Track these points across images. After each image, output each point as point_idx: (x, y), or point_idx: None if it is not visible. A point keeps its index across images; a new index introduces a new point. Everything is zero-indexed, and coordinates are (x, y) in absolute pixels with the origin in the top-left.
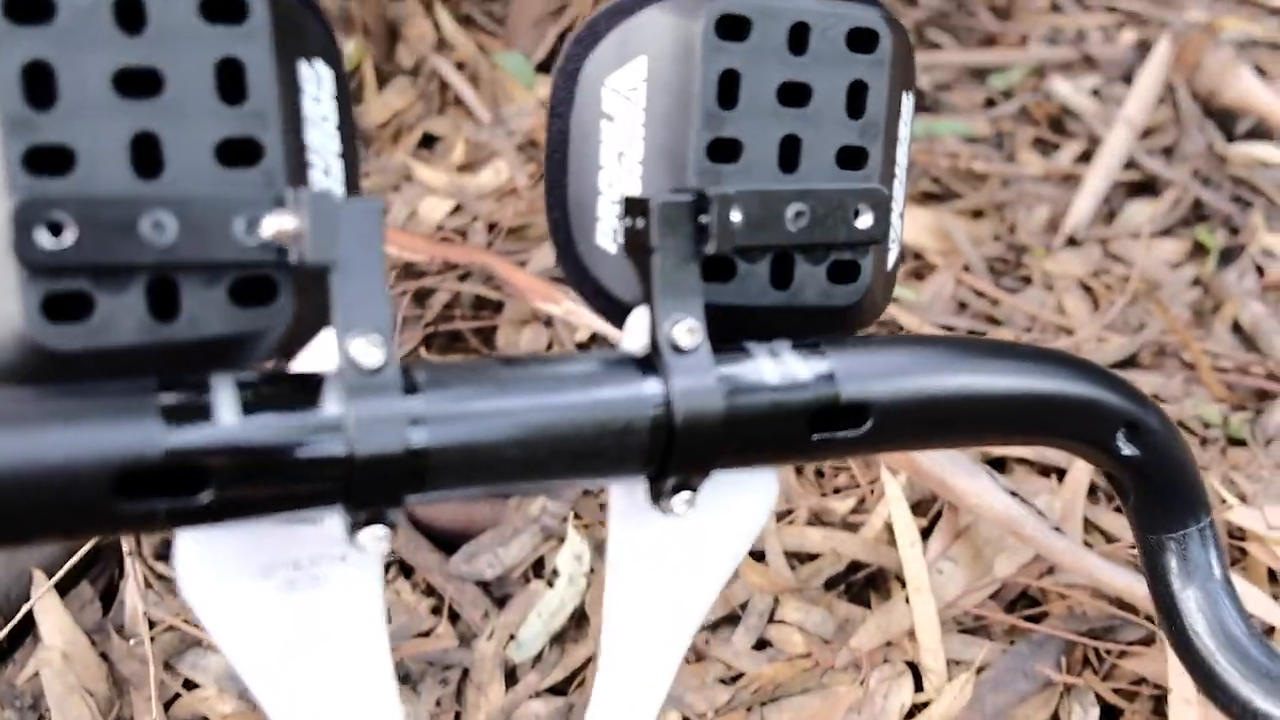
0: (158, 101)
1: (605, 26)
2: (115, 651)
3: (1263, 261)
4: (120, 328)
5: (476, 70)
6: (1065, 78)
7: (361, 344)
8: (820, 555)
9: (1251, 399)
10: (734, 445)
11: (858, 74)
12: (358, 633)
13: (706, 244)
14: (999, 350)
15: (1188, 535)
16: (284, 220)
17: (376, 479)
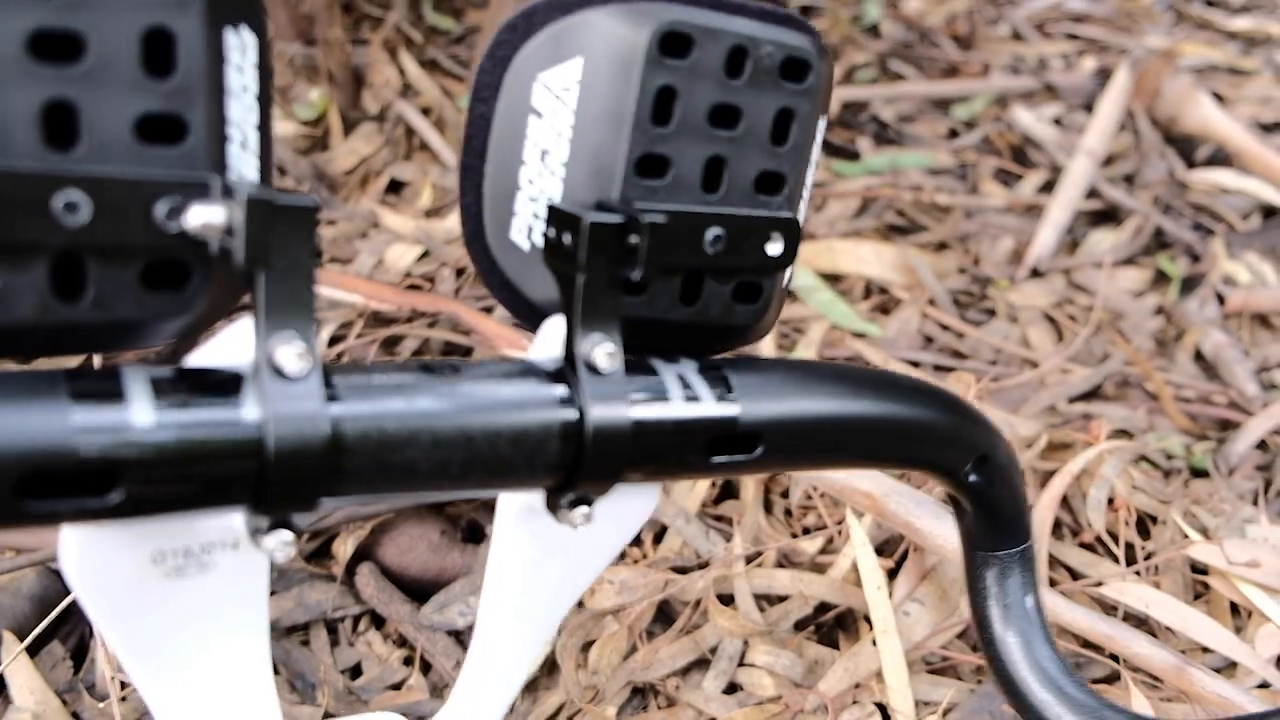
0: (76, 68)
1: (543, 19)
2: (87, 711)
3: (1223, 290)
4: (18, 306)
5: (442, 115)
6: (1027, 107)
7: (285, 349)
8: (789, 597)
9: (1214, 429)
10: (638, 465)
11: (786, 102)
12: (242, 616)
13: (631, 268)
14: (878, 382)
15: (1010, 556)
16: (212, 212)
17: (291, 484)
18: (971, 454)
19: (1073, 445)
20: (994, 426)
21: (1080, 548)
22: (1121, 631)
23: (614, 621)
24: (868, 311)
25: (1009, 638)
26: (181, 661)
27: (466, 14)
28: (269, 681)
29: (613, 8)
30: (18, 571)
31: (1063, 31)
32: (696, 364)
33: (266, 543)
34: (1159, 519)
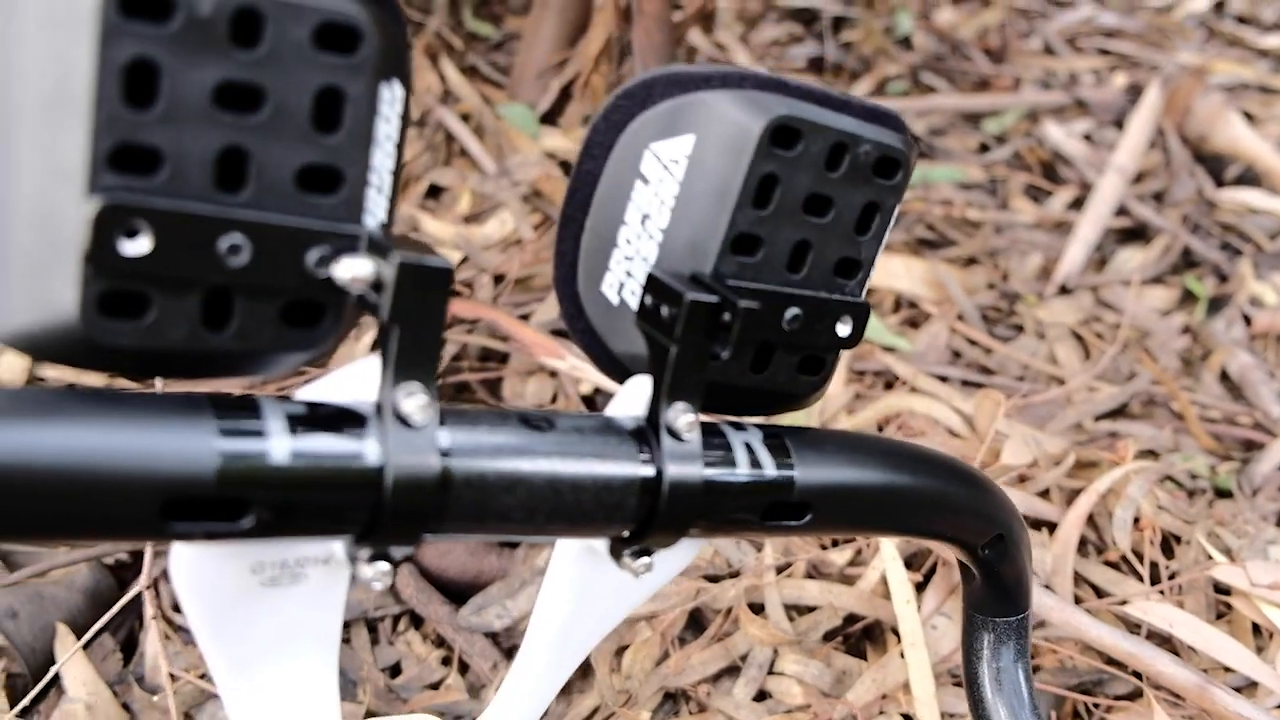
0: (254, 119)
1: (662, 93)
2: (136, 703)
3: (1250, 311)
4: (172, 331)
5: (481, 121)
6: (1057, 122)
7: (410, 400)
8: (818, 608)
9: (1238, 449)
10: (702, 523)
11: (875, 196)
12: (321, 625)
13: (723, 346)
14: (918, 460)
15: (1008, 623)
16: (361, 265)
17: (400, 522)
18: (991, 531)
19: (1099, 464)
20: (1012, 505)
21: (1105, 565)
22: (1145, 650)
23: (647, 628)
24: (897, 325)
25: (998, 702)
26: (263, 664)
27: (506, 20)
28: (335, 686)
29: (732, 93)
30: (72, 566)
31: (1094, 46)
32: (761, 432)
33: (365, 571)
34: (1183, 539)
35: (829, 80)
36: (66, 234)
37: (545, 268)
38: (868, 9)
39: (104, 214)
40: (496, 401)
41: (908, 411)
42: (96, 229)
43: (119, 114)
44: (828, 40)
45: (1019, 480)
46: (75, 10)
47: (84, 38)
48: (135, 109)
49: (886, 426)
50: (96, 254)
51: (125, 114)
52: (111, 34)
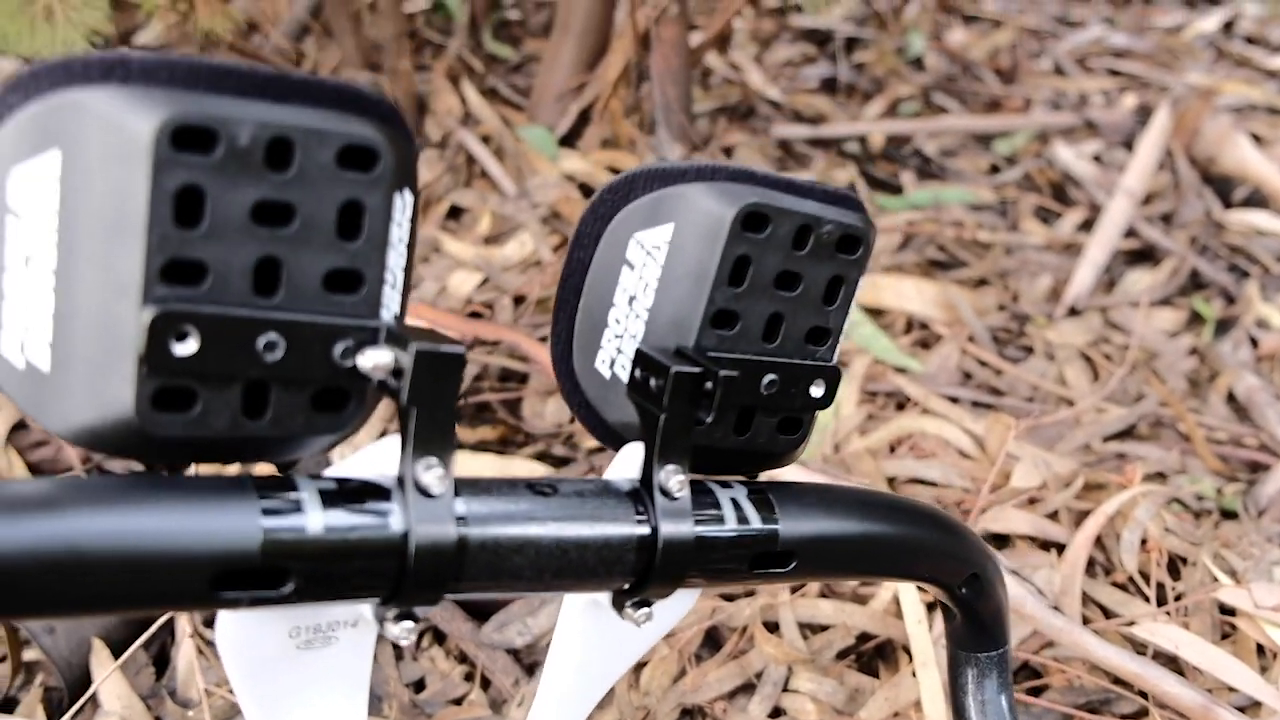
0: (285, 231)
1: (644, 187)
2: (169, 716)
3: (1257, 333)
4: (215, 421)
5: (501, 143)
6: (1067, 143)
7: (429, 473)
8: (832, 627)
9: (1244, 471)
10: (696, 574)
11: (839, 270)
12: (351, 683)
13: (706, 412)
14: (894, 508)
15: (989, 658)
16: (382, 355)
17: (423, 584)
18: (966, 571)
19: (1107, 486)
20: (985, 546)
21: (1113, 586)
22: (1151, 670)
23: (665, 645)
24: (909, 346)
25: None
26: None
27: (525, 43)
28: None
29: (706, 185)
30: None
31: (1104, 67)
32: (745, 489)
33: (392, 629)
34: (1189, 560)
35: (842, 101)
36: (124, 339)
37: None
38: (880, 30)
39: (158, 321)
40: (516, 420)
41: (919, 432)
42: (151, 334)
43: (170, 234)
44: (841, 61)
45: (1029, 502)
46: (133, 145)
47: (140, 169)
48: (183, 228)
49: (898, 447)
50: (151, 356)
51: (175, 233)
52: (163, 165)
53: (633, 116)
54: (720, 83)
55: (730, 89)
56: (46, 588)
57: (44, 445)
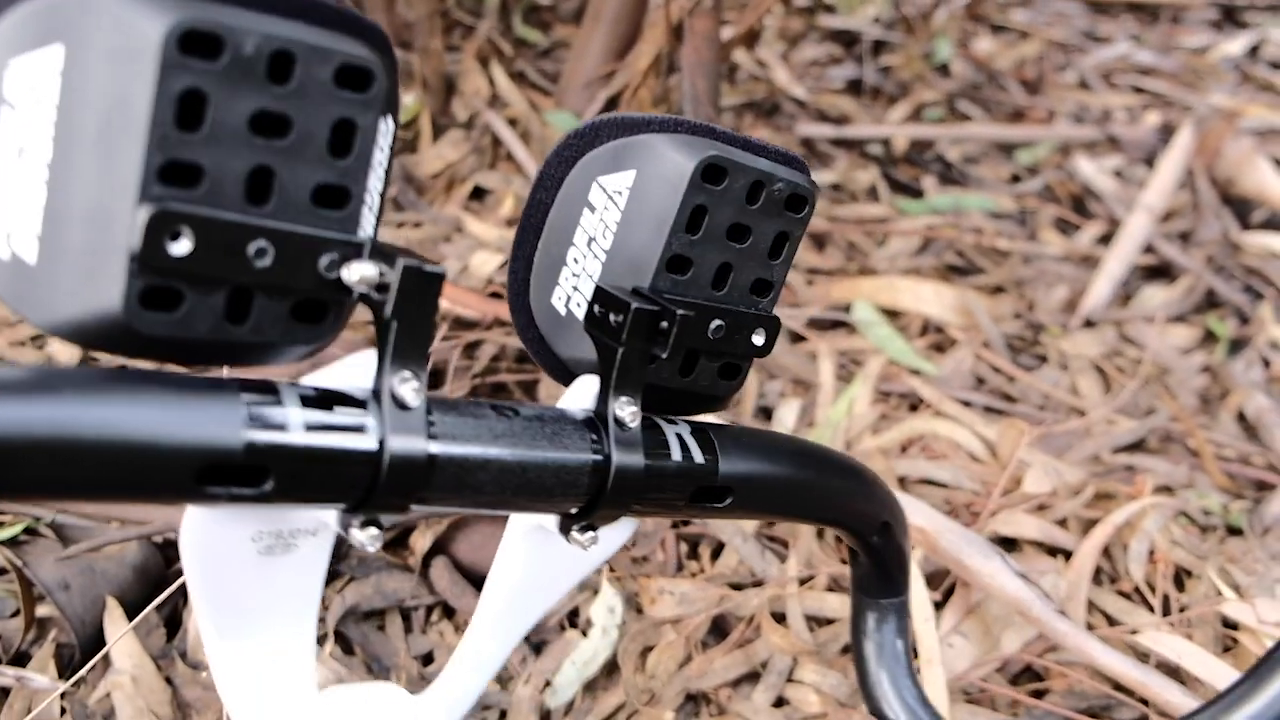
0: (280, 143)
1: (609, 134)
2: (179, 677)
3: (1269, 354)
4: (199, 323)
5: (528, 127)
6: (1089, 157)
7: (405, 385)
8: (838, 620)
9: (1251, 489)
10: (641, 502)
11: (785, 227)
12: (305, 592)
13: (661, 349)
14: (822, 458)
15: (889, 604)
16: (367, 269)
17: (393, 492)
18: (879, 519)
19: (1116, 496)
20: (894, 499)
21: (1118, 595)
22: (1153, 678)
23: (672, 630)
24: (924, 349)
25: (881, 671)
26: (252, 625)
27: (555, 28)
28: (313, 650)
29: (669, 136)
30: (124, 543)
31: (1129, 83)
32: (689, 426)
33: (358, 535)
34: (1194, 573)
35: (867, 103)
36: (117, 236)
37: None
38: (908, 35)
39: (155, 219)
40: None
41: (931, 434)
42: (148, 232)
43: (170, 135)
44: (867, 63)
45: (1038, 508)
46: (141, 46)
47: (146, 70)
48: (184, 131)
49: (909, 448)
50: (145, 254)
51: (175, 135)
52: (170, 68)
53: (660, 107)
54: (747, 79)
55: (756, 85)
56: (33, 472)
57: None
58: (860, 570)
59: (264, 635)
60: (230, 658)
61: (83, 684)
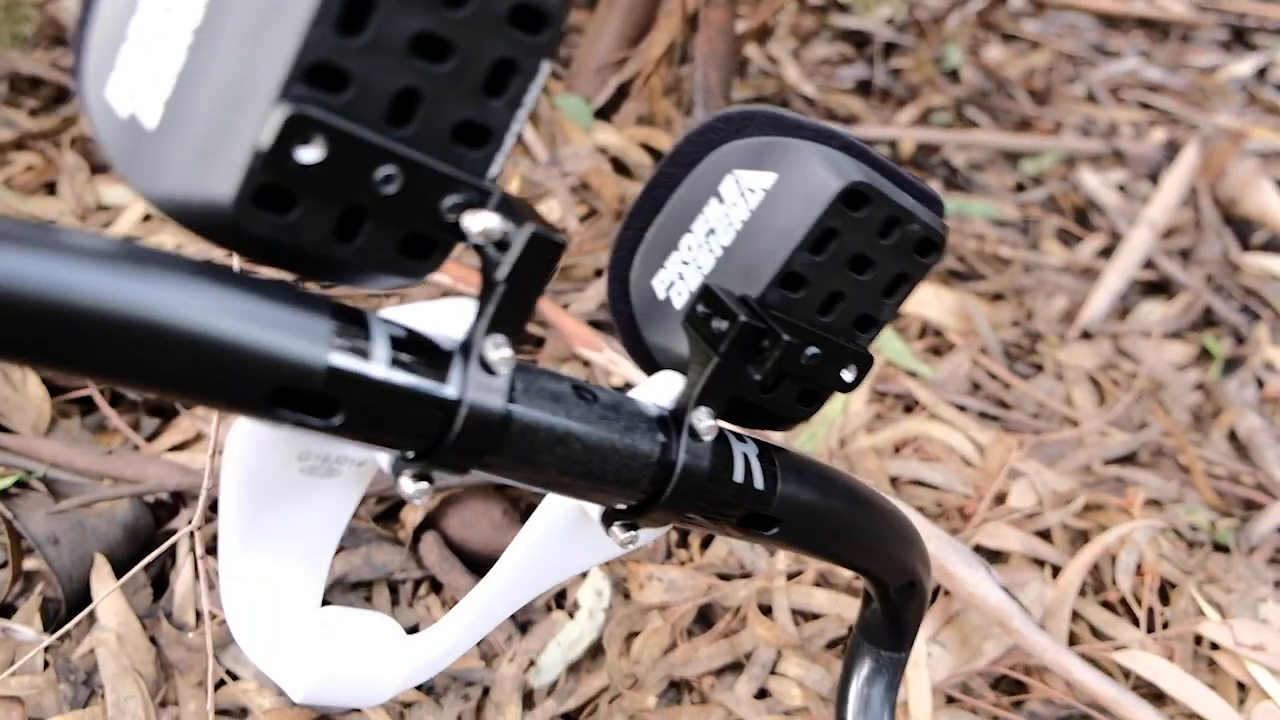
0: (438, 68)
1: (758, 128)
2: (164, 637)
3: (1263, 375)
4: (306, 233)
5: (537, 110)
6: (1094, 170)
7: (496, 351)
8: (824, 616)
9: (1239, 507)
10: (693, 514)
11: (909, 269)
12: (335, 517)
13: (757, 370)
14: (873, 505)
15: (890, 657)
16: (491, 221)
17: (459, 453)
18: (907, 578)
19: (1105, 507)
20: (929, 560)
21: (1102, 606)
22: (1127, 698)
23: (659, 617)
24: (922, 352)
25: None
26: (274, 541)
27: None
28: (323, 580)
29: (821, 148)
30: (116, 500)
31: (1136, 99)
32: (757, 448)
33: (408, 485)
34: (1179, 587)
35: (875, 104)
36: (248, 126)
37: (588, 259)
38: (920, 39)
39: (294, 120)
40: None
41: (924, 436)
42: (282, 131)
43: (328, 36)
44: (877, 65)
45: (1027, 516)
46: None
47: None
48: (342, 35)
49: (903, 448)
50: (272, 153)
51: (333, 37)
52: None
53: (671, 96)
54: (757, 73)
55: (766, 81)
56: (107, 350)
57: None
58: (870, 615)
59: (285, 551)
60: (244, 568)
61: (67, 639)
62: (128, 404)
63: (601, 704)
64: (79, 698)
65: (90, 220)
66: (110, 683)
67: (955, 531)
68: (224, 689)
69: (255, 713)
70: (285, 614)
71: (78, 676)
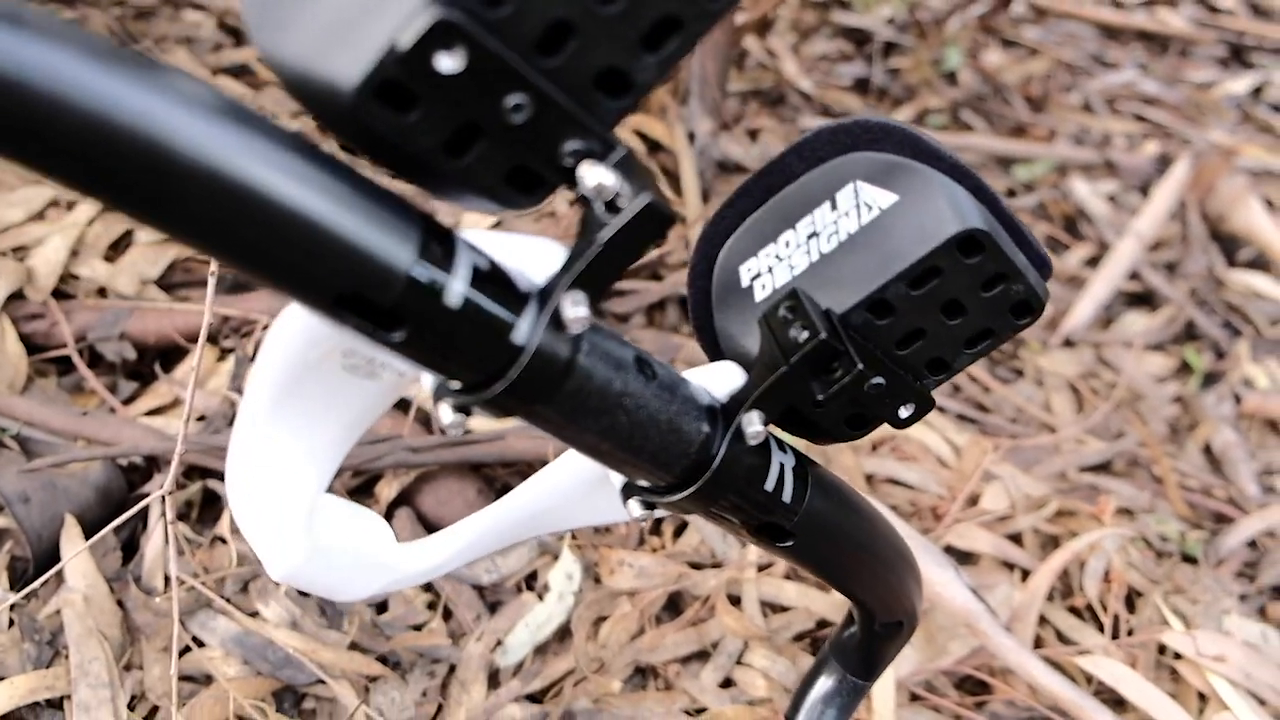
0: (603, 9)
1: (894, 145)
2: (131, 601)
3: (1241, 391)
4: (419, 139)
5: None
6: (1085, 179)
7: (574, 309)
8: (792, 608)
9: (1210, 520)
10: (720, 508)
11: (999, 326)
12: (360, 419)
13: (823, 390)
14: (894, 544)
15: (853, 682)
16: (608, 178)
17: (512, 394)
18: (896, 618)
19: (1077, 513)
20: (921, 602)
21: (1069, 611)
22: (1089, 703)
23: (628, 603)
24: None
25: None
26: (295, 428)
27: None
28: (330, 474)
29: (952, 184)
30: (89, 462)
31: (1132, 111)
32: (795, 460)
33: (447, 413)
34: (1144, 595)
35: (872, 103)
36: (390, 18)
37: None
38: (919, 39)
39: (438, 27)
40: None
41: (902, 436)
42: (424, 36)
43: None
44: (876, 63)
45: (1000, 519)
46: None
47: None
48: None
49: (880, 447)
50: (408, 53)
51: None
52: None
53: (667, 84)
54: (755, 66)
55: (764, 74)
56: (192, 203)
57: (39, 319)
58: (848, 638)
59: (301, 435)
60: (256, 441)
61: (34, 598)
62: (105, 366)
63: (566, 687)
64: (43, 657)
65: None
66: (75, 644)
67: (927, 531)
68: (189, 655)
69: (219, 680)
70: (286, 493)
71: (42, 636)
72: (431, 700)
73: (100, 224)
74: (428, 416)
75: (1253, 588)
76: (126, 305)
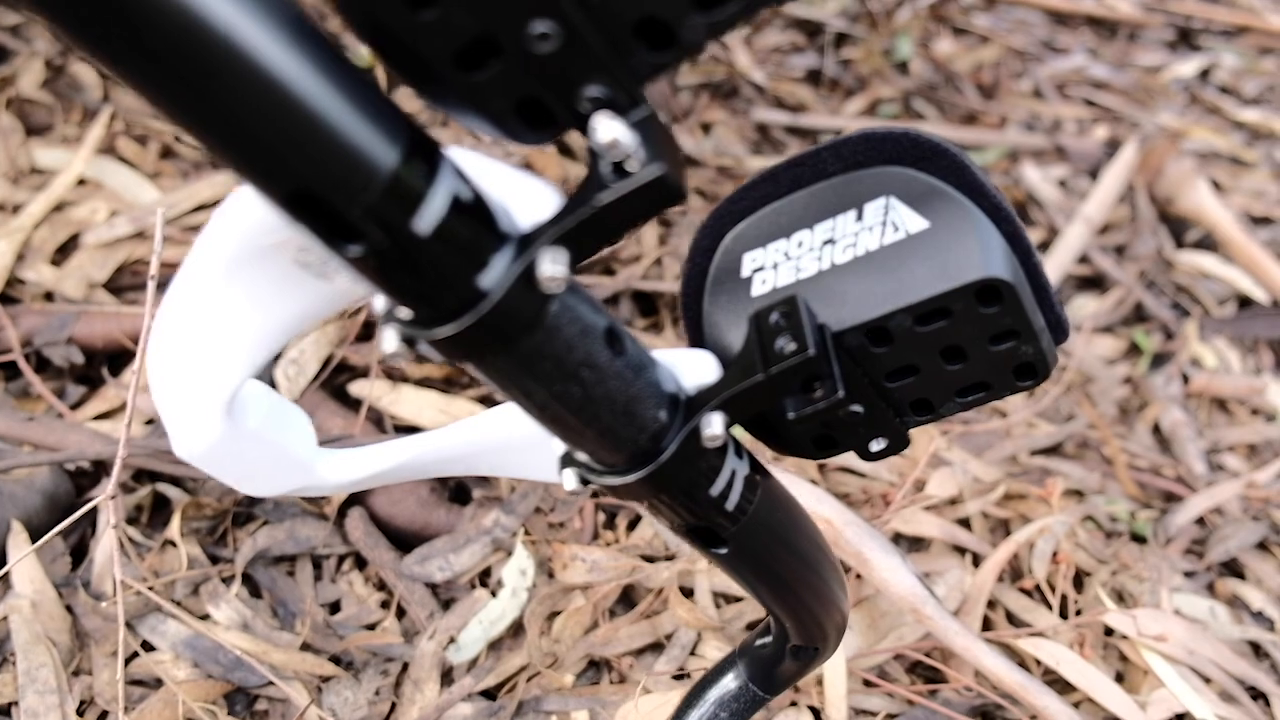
0: None
1: (938, 170)
2: (80, 606)
3: (1189, 371)
4: (430, 43)
5: None
6: (1036, 165)
7: (552, 266)
8: (744, 599)
9: (1159, 499)
10: (659, 503)
11: (998, 382)
12: (301, 317)
13: (793, 407)
14: (831, 571)
15: (753, 693)
16: (626, 136)
17: (459, 344)
18: (815, 643)
19: (1027, 496)
20: (839, 638)
21: (1019, 592)
22: (1033, 684)
23: (581, 596)
24: None
25: None
26: (230, 305)
27: None
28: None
29: (988, 225)
30: (35, 467)
31: (1081, 96)
32: (749, 470)
33: (391, 340)
34: (1092, 574)
35: (825, 94)
36: None
37: None
38: (871, 30)
39: None
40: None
41: None
42: None
43: None
44: (828, 54)
45: (949, 502)
46: None
47: None
48: None
49: None
50: None
51: None
52: None
53: None
54: (707, 59)
55: (716, 67)
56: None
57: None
58: (759, 647)
59: (237, 318)
60: (188, 314)
61: None
62: (53, 370)
63: (520, 682)
64: None
65: (23, 184)
66: (22, 650)
67: (875, 517)
68: (138, 660)
69: (169, 684)
70: (210, 370)
71: None
72: (385, 699)
73: (46, 227)
74: (380, 416)
75: (1201, 564)
76: (74, 309)
